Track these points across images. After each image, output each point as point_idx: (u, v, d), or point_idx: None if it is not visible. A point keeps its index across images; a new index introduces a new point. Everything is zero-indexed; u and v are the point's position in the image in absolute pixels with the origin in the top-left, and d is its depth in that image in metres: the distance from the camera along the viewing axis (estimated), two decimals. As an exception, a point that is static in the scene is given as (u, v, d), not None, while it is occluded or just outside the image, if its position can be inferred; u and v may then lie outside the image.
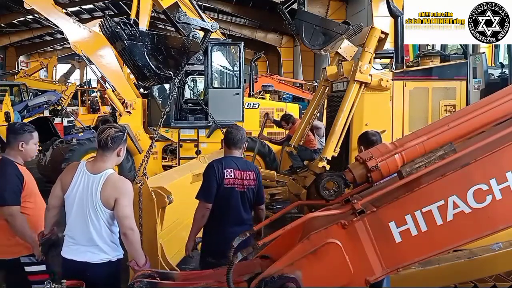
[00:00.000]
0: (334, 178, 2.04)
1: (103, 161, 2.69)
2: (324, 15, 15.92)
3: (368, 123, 5.13)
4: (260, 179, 3.43)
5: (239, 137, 3.38)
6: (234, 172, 3.29)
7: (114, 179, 2.67)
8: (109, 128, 2.70)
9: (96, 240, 2.66)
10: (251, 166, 3.45)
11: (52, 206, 2.80)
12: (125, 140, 2.75)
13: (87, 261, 2.66)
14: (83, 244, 2.68)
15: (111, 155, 2.70)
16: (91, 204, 2.63)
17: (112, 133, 2.66)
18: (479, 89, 5.42)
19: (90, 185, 2.64)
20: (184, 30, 5.72)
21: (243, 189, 3.32)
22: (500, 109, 1.99)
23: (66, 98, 19.32)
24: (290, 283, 1.90)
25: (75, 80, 24.89)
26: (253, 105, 9.38)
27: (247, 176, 3.34)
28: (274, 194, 6.66)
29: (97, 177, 2.64)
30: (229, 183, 3.27)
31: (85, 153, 8.07)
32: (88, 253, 2.67)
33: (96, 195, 2.61)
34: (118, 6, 24.92)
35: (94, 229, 2.65)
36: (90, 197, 2.63)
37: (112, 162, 2.72)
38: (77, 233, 2.69)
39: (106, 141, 2.64)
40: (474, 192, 1.88)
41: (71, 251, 2.70)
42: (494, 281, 3.64)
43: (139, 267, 2.61)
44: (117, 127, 2.75)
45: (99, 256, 2.68)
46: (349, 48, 5.86)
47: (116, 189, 2.63)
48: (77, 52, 9.06)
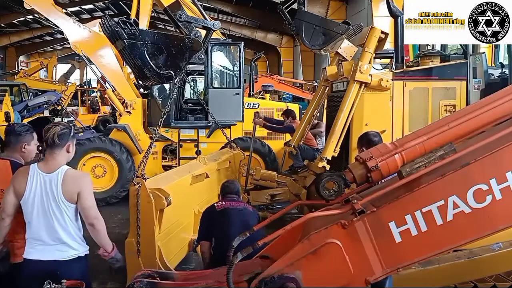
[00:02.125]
0: (334, 178, 2.04)
1: (54, 159, 2.71)
2: (324, 15, 15.91)
3: (368, 123, 5.12)
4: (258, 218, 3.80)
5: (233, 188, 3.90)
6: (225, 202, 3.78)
7: (73, 174, 2.74)
8: (55, 126, 2.75)
9: (63, 237, 2.70)
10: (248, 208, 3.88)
11: (7, 215, 2.74)
12: (73, 136, 2.80)
13: (56, 259, 2.69)
14: (50, 243, 2.70)
15: (60, 152, 2.72)
16: (53, 202, 2.66)
17: (58, 130, 2.70)
18: (479, 89, 5.41)
19: (49, 184, 2.66)
20: (186, 28, 5.69)
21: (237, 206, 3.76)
22: (500, 109, 1.99)
23: (66, 98, 19.35)
24: (290, 283, 1.90)
25: (75, 80, 24.91)
26: (253, 105, 9.38)
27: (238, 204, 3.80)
28: (275, 195, 6.66)
29: (54, 175, 2.68)
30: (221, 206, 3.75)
31: (85, 153, 8.07)
32: (56, 251, 2.70)
33: (58, 192, 2.65)
34: (118, 6, 24.91)
35: (60, 226, 2.69)
36: (52, 195, 2.66)
37: (63, 158, 2.75)
38: (42, 234, 2.69)
39: (53, 138, 2.68)
40: (474, 192, 1.88)
41: (37, 251, 2.70)
42: (494, 281, 3.64)
43: (108, 253, 2.79)
44: (63, 124, 2.82)
45: (68, 253, 2.72)
46: (349, 48, 5.85)
47: (77, 183, 2.69)
48: (77, 52, 9.07)
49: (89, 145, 8.15)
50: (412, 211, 1.91)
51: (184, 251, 4.83)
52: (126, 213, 5.02)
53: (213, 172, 5.55)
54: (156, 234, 3.93)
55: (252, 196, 6.75)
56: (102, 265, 5.01)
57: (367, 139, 3.44)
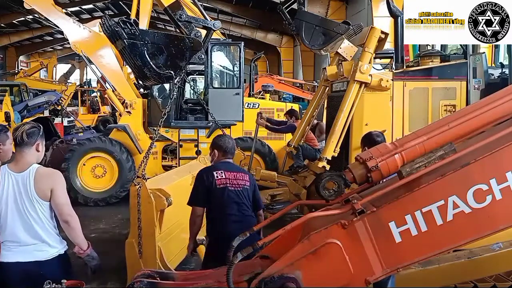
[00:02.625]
0: (334, 178, 2.04)
1: (23, 157, 2.69)
2: (324, 15, 15.90)
3: (368, 123, 5.13)
4: (255, 183, 3.47)
5: (232, 145, 3.48)
6: (225, 173, 3.33)
7: (44, 171, 2.71)
8: (23, 125, 2.75)
9: (42, 235, 2.67)
10: (244, 170, 3.54)
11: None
12: (41, 136, 2.77)
13: (36, 260, 2.65)
14: (29, 243, 2.66)
15: (29, 150, 2.70)
16: (27, 200, 2.64)
17: (26, 129, 2.68)
18: (479, 89, 5.42)
19: (21, 183, 2.64)
20: (186, 28, 5.69)
21: (238, 188, 3.33)
22: (500, 109, 1.99)
23: (66, 98, 19.34)
24: (290, 283, 1.90)
25: (75, 80, 24.91)
26: (253, 105, 9.38)
27: (241, 176, 3.38)
28: (275, 195, 6.65)
29: (25, 174, 2.65)
30: (221, 183, 3.29)
31: (85, 153, 8.08)
32: (36, 252, 2.67)
33: (31, 190, 2.63)
34: (118, 6, 24.92)
35: (37, 224, 2.66)
36: (25, 194, 2.63)
37: (32, 157, 2.72)
38: (19, 235, 2.66)
39: (22, 137, 2.66)
40: (474, 192, 1.88)
41: (15, 254, 2.66)
42: (494, 281, 3.64)
43: (84, 251, 2.74)
44: (31, 123, 2.79)
45: (49, 252, 2.69)
46: (349, 48, 5.85)
47: (49, 180, 2.67)
48: (77, 52, 9.08)
49: (89, 145, 8.16)
50: (412, 211, 1.91)
51: (184, 251, 4.82)
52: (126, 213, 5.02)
53: (213, 172, 5.54)
54: (157, 234, 3.93)
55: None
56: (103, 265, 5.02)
57: (370, 139, 3.43)
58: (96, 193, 8.10)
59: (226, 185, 3.30)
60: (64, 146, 9.21)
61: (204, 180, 3.30)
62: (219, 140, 3.53)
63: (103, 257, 5.10)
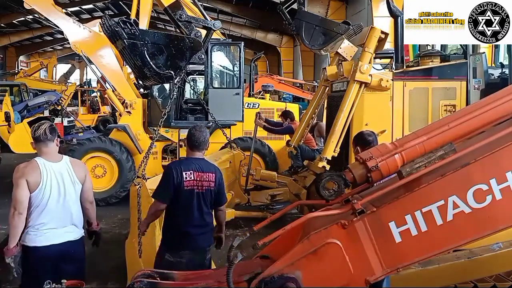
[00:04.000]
0: (334, 178, 2.04)
1: (53, 150, 3.06)
2: (324, 15, 15.91)
3: (368, 123, 5.12)
4: (220, 181, 3.41)
5: (202, 139, 3.36)
6: (194, 174, 3.30)
7: (75, 161, 3.24)
8: (43, 123, 3.10)
9: (74, 218, 3.09)
10: (211, 168, 3.41)
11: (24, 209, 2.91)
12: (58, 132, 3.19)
13: (68, 240, 3.04)
14: (61, 226, 3.02)
15: (53, 144, 3.06)
16: (69, 184, 3.04)
17: (48, 126, 3.05)
18: (479, 89, 5.41)
19: (63, 170, 3.04)
20: (186, 28, 5.68)
21: (202, 190, 3.31)
22: (500, 109, 1.99)
23: (66, 98, 19.34)
24: (290, 283, 1.90)
25: (75, 80, 24.91)
26: (253, 105, 9.38)
27: (207, 177, 3.33)
28: (275, 195, 6.66)
29: (62, 162, 3.07)
30: (189, 185, 3.28)
31: (85, 153, 8.07)
32: (67, 233, 3.04)
33: (73, 175, 3.06)
34: (118, 6, 24.92)
35: (74, 206, 3.08)
36: (67, 179, 3.03)
37: (57, 150, 3.11)
38: (54, 218, 2.99)
39: (45, 133, 3.01)
40: (474, 192, 1.88)
41: (48, 238, 2.96)
42: (494, 281, 3.64)
43: (98, 225, 3.35)
44: (48, 122, 3.28)
45: (77, 233, 3.12)
46: (349, 48, 5.85)
47: (83, 168, 3.23)
48: (77, 52, 9.06)
49: (89, 145, 8.15)
50: (412, 211, 1.91)
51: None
52: (126, 213, 5.02)
53: (213, 172, 5.54)
54: (157, 234, 3.93)
55: (252, 196, 6.75)
56: (103, 265, 5.02)
57: (362, 138, 3.45)
58: (96, 193, 7.95)
59: (193, 188, 3.30)
60: (64, 146, 9.22)
61: (173, 178, 3.27)
62: (190, 133, 3.41)
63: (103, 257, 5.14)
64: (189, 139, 3.39)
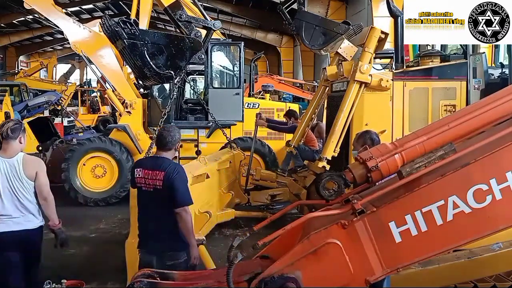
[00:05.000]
0: (334, 178, 2.04)
1: (11, 147, 3.28)
2: (324, 15, 15.90)
3: (368, 123, 5.12)
4: (172, 181, 3.21)
5: (169, 139, 3.34)
6: (142, 171, 3.32)
7: (29, 158, 3.39)
8: (8, 122, 3.36)
9: (30, 208, 3.31)
10: (163, 166, 3.27)
11: None
12: (23, 130, 3.38)
13: (26, 228, 3.28)
14: (18, 215, 3.27)
15: (14, 142, 3.29)
16: (18, 180, 3.25)
17: (10, 126, 3.29)
18: (479, 89, 5.41)
19: (12, 167, 3.25)
20: (186, 28, 5.69)
21: (150, 188, 3.28)
22: (500, 109, 1.99)
23: (66, 98, 19.34)
24: (290, 283, 1.90)
25: (75, 80, 24.89)
26: (253, 105, 9.38)
27: (154, 175, 3.25)
28: (275, 195, 6.65)
29: (14, 159, 3.27)
30: (138, 182, 3.35)
31: (85, 153, 8.07)
32: (25, 222, 3.29)
33: (20, 171, 3.26)
34: (118, 6, 24.92)
35: (25, 199, 3.28)
36: (16, 175, 3.25)
37: (17, 147, 3.31)
38: (9, 209, 3.26)
39: (7, 132, 3.25)
40: (474, 192, 1.88)
41: (7, 225, 3.25)
42: (494, 281, 3.64)
43: (56, 225, 3.43)
44: (14, 121, 3.50)
45: (34, 222, 3.33)
46: (349, 48, 5.85)
47: (34, 165, 3.35)
48: (77, 52, 9.06)
49: (89, 145, 8.15)
50: (412, 211, 1.91)
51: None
52: (126, 213, 5.02)
53: (213, 173, 5.55)
54: (156, 234, 3.92)
55: (252, 196, 6.75)
56: (103, 265, 5.02)
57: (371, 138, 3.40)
58: (96, 193, 8.09)
59: (141, 185, 3.33)
60: (64, 146, 9.22)
61: (132, 174, 3.48)
62: (158, 133, 3.53)
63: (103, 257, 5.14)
64: (156, 139, 3.50)
